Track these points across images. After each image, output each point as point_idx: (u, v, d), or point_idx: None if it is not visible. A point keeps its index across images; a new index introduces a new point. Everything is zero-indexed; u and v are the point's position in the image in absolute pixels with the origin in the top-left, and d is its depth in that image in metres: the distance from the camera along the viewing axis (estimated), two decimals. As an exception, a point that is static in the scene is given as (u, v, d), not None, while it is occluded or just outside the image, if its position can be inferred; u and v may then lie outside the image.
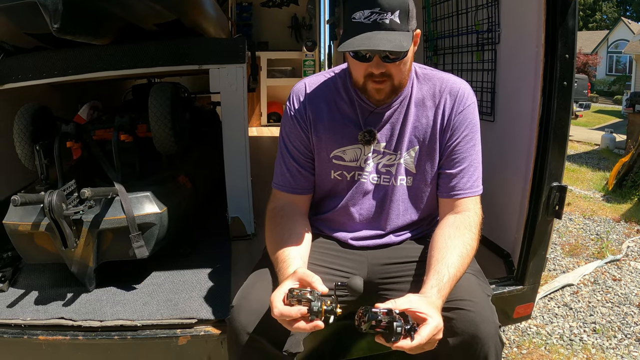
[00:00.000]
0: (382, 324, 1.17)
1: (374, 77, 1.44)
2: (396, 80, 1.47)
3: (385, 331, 1.18)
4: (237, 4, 7.23)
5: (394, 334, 1.16)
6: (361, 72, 1.46)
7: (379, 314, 1.17)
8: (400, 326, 1.16)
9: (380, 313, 1.18)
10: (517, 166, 2.17)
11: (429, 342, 1.21)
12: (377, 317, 1.17)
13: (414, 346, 1.18)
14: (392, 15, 1.35)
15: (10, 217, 2.02)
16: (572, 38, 1.89)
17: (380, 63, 1.41)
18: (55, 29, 1.82)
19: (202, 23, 2.85)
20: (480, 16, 2.52)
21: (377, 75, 1.43)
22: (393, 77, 1.45)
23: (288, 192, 1.66)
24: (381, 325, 1.18)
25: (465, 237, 1.48)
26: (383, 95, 1.49)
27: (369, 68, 1.43)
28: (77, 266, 2.06)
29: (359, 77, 1.48)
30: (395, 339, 1.17)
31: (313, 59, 7.33)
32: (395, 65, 1.43)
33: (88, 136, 2.39)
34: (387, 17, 1.35)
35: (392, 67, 1.43)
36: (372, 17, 1.35)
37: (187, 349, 1.83)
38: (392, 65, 1.43)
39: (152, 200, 2.13)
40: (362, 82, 1.48)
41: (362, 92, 1.53)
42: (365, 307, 1.20)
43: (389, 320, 1.17)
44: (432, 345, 1.23)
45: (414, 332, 1.18)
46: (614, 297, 3.36)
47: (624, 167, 6.24)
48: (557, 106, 1.94)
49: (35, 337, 1.80)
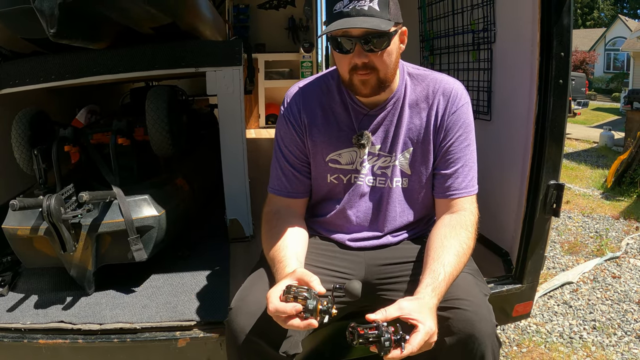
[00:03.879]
0: (371, 339, 1.19)
1: (358, 70, 1.43)
2: (381, 73, 1.45)
3: (377, 344, 1.20)
4: (234, 6, 7.24)
5: (383, 348, 1.18)
6: (346, 66, 1.45)
7: (366, 333, 1.19)
8: (388, 340, 1.18)
9: (367, 330, 1.19)
10: (514, 165, 2.17)
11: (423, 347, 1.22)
12: (365, 335, 1.19)
13: (406, 355, 1.19)
14: (371, 2, 1.37)
15: (9, 222, 2.02)
16: (567, 36, 1.90)
17: (362, 52, 1.41)
18: (52, 33, 1.82)
19: (198, 26, 2.86)
20: (476, 15, 2.53)
21: (360, 66, 1.42)
22: (377, 68, 1.44)
23: (284, 196, 1.66)
24: (369, 341, 1.19)
25: (461, 236, 1.48)
26: (369, 89, 1.47)
27: (352, 60, 1.42)
28: (76, 270, 2.06)
29: (344, 72, 1.47)
30: (384, 353, 1.19)
31: (310, 60, 7.34)
32: (378, 56, 1.42)
33: (86, 140, 2.39)
34: (365, 4, 1.36)
35: (375, 58, 1.42)
36: (351, 5, 1.37)
37: (186, 351, 1.83)
38: (375, 55, 1.42)
39: (150, 203, 2.13)
40: (348, 77, 1.47)
41: (349, 89, 1.52)
42: (353, 326, 1.21)
43: (377, 334, 1.18)
44: (427, 347, 1.24)
45: (404, 342, 1.19)
46: (613, 295, 3.37)
47: (623, 165, 6.24)
48: (554, 104, 1.94)
49: (35, 341, 1.81)
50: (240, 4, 7.27)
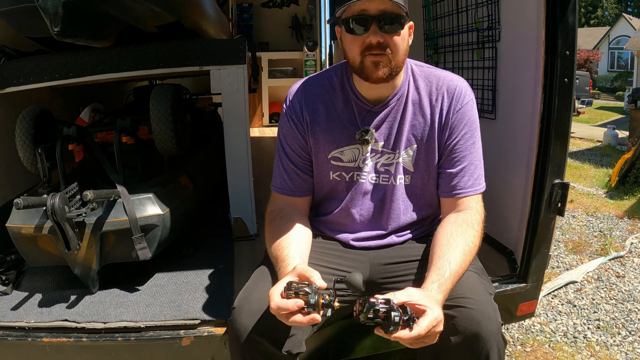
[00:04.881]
0: (380, 314, 1.16)
1: (372, 50, 1.42)
2: (393, 56, 1.44)
3: (384, 321, 1.17)
4: (238, 5, 7.23)
5: (392, 323, 1.15)
6: (357, 48, 1.44)
7: (377, 304, 1.16)
8: (398, 316, 1.16)
9: (378, 303, 1.17)
10: (519, 164, 2.17)
11: (429, 335, 1.20)
12: (375, 307, 1.16)
13: (413, 336, 1.17)
14: None
15: (13, 220, 2.03)
16: (572, 35, 1.89)
17: (377, 31, 1.40)
18: (56, 32, 1.82)
19: (202, 24, 2.85)
20: (481, 14, 2.52)
21: (374, 45, 1.41)
22: (391, 49, 1.43)
23: (287, 195, 1.66)
24: (379, 315, 1.16)
25: (467, 234, 1.47)
26: (381, 71, 1.45)
27: (366, 40, 1.41)
28: (80, 268, 2.06)
29: (355, 54, 1.45)
30: (393, 328, 1.16)
31: (314, 59, 7.33)
32: (392, 37, 1.42)
33: (90, 139, 2.39)
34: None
35: (389, 39, 1.42)
36: None
37: (190, 349, 1.83)
38: (389, 37, 1.41)
39: (155, 202, 2.13)
40: (360, 60, 1.45)
41: (359, 73, 1.49)
42: (364, 298, 1.19)
43: (387, 309, 1.16)
44: (432, 338, 1.22)
45: (413, 322, 1.17)
46: (617, 294, 3.36)
47: (627, 164, 6.22)
48: (558, 103, 1.93)
49: (39, 340, 1.81)
50: (244, 2, 7.27)
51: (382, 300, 1.18)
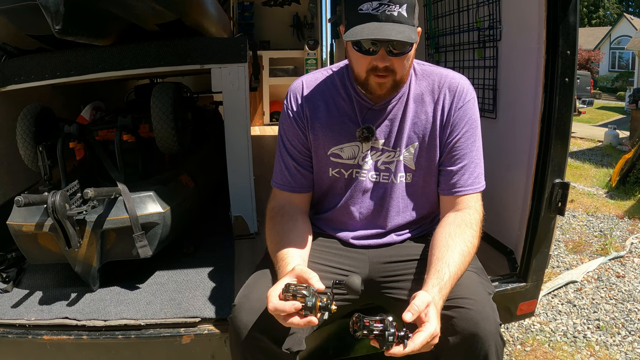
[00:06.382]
0: (375, 332, 1.20)
1: (378, 72, 1.43)
2: (398, 76, 1.46)
3: (378, 337, 1.20)
4: (239, 3, 7.22)
5: (386, 342, 1.19)
6: (364, 66, 1.44)
7: (371, 325, 1.20)
8: (392, 335, 1.19)
9: (373, 322, 1.20)
10: (520, 163, 2.17)
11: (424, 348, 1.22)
12: (370, 327, 1.20)
13: (407, 352, 1.20)
14: (400, 8, 1.35)
15: (14, 218, 2.03)
16: (573, 34, 1.89)
17: (385, 56, 1.40)
18: (57, 30, 1.82)
19: (204, 23, 2.86)
20: (482, 13, 2.52)
21: (381, 69, 1.42)
22: (396, 71, 1.44)
23: (287, 191, 1.66)
24: (374, 333, 1.20)
25: (465, 235, 1.47)
26: (384, 90, 1.48)
27: (373, 61, 1.42)
28: (80, 266, 2.06)
29: (361, 71, 1.46)
30: (386, 347, 1.20)
31: (315, 57, 7.33)
32: (400, 59, 1.42)
33: (91, 137, 2.39)
34: (395, 10, 1.35)
35: (396, 62, 1.42)
36: (381, 9, 1.34)
37: (190, 347, 1.84)
38: (397, 59, 1.42)
39: (155, 200, 2.13)
40: (365, 77, 1.46)
41: (362, 88, 1.51)
42: (359, 315, 1.22)
43: (382, 329, 1.19)
44: (427, 348, 1.24)
45: (407, 339, 1.20)
46: (617, 294, 3.36)
47: (627, 164, 6.22)
48: (559, 103, 1.93)
49: (39, 337, 1.81)
50: (245, 1, 7.25)
51: (377, 319, 1.21)
